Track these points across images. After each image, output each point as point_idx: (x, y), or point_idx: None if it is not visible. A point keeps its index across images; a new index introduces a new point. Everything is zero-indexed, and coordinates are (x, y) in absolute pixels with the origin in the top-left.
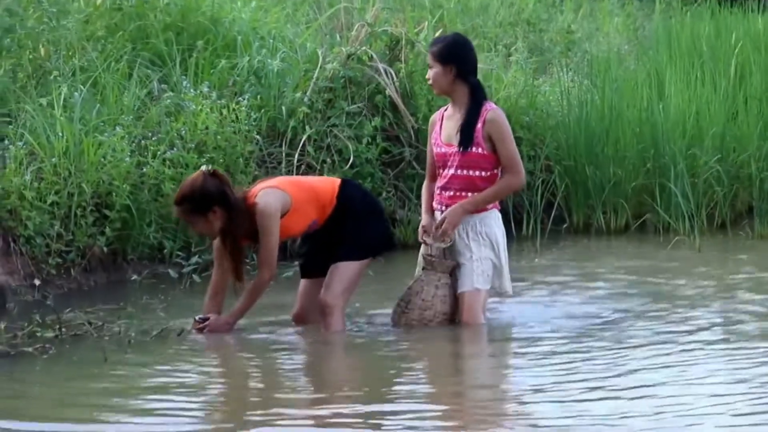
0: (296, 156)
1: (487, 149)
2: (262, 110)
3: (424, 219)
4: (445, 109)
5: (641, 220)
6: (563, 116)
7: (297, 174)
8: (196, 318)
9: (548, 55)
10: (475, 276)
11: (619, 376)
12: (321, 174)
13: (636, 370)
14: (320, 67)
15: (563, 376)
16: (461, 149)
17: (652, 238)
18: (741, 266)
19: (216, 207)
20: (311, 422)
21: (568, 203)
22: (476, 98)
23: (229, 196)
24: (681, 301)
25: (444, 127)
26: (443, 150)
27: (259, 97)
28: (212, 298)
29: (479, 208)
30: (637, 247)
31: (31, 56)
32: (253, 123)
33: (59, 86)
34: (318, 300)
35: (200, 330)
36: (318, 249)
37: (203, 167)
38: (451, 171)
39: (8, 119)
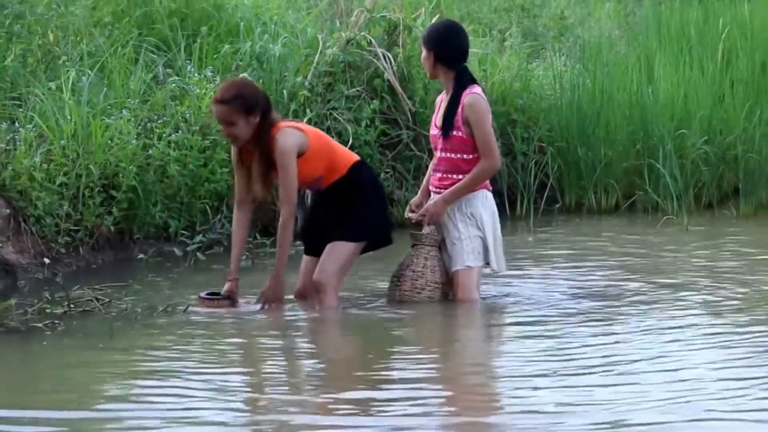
0: None
1: (466, 133)
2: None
3: (416, 197)
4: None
5: (631, 199)
6: (556, 99)
7: None
8: (201, 295)
9: (542, 40)
10: (466, 254)
11: (609, 354)
12: None
13: (626, 349)
14: (320, 52)
15: (556, 356)
16: (442, 134)
17: (641, 217)
18: (727, 244)
19: (258, 111)
20: (304, 406)
21: (560, 184)
22: (459, 83)
23: (271, 107)
24: (670, 279)
25: (439, 110)
26: (434, 133)
27: (261, 81)
28: (236, 233)
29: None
30: (627, 226)
31: (40, 42)
32: None
33: (68, 71)
34: (312, 280)
35: (262, 306)
36: (320, 224)
37: (242, 75)
38: (438, 154)
39: (18, 102)
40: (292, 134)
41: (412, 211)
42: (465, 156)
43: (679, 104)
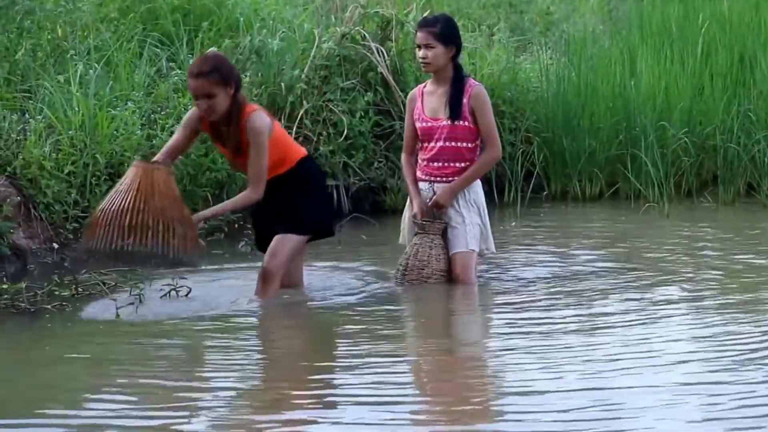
0: (294, 129)
1: (471, 122)
2: (263, 86)
3: (416, 203)
4: (424, 86)
5: (614, 187)
6: (542, 91)
7: None
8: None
9: (528, 35)
10: (468, 238)
11: (593, 338)
12: (317, 145)
13: (609, 336)
14: (317, 46)
15: (542, 340)
16: (451, 122)
17: (624, 205)
18: (706, 230)
19: (233, 83)
20: (294, 399)
21: (546, 172)
22: (460, 75)
23: (241, 81)
24: (651, 264)
25: (426, 102)
26: (429, 124)
27: (259, 74)
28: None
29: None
30: (610, 213)
31: (49, 36)
32: (255, 98)
33: (75, 64)
34: (262, 266)
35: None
36: (267, 221)
37: (212, 48)
38: (440, 143)
39: (29, 95)
40: (263, 119)
41: (424, 211)
42: (468, 144)
43: (661, 96)
